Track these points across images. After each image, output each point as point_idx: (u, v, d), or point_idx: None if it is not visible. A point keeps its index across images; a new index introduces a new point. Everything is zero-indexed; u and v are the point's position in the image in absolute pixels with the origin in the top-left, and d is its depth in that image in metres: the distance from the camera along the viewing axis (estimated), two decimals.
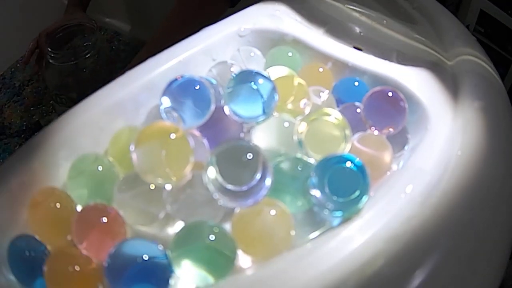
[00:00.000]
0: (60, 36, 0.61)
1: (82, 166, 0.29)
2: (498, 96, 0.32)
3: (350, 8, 0.44)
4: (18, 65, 0.76)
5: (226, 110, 0.30)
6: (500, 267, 0.24)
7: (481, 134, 0.28)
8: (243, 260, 0.26)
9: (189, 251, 0.25)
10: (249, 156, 0.25)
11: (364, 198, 0.25)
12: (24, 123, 0.69)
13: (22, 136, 0.69)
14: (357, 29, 0.41)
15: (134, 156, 0.26)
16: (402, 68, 0.35)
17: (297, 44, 0.38)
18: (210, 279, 0.24)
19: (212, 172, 0.25)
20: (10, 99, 0.72)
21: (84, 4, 0.71)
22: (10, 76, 0.75)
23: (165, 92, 0.30)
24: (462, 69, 0.35)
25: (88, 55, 0.59)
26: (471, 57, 0.36)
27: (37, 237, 0.27)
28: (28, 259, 0.26)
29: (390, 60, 0.37)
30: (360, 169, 0.26)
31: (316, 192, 0.26)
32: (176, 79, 0.30)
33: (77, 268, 0.24)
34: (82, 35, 0.62)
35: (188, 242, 0.25)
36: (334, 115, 0.29)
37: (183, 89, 0.29)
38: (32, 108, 0.71)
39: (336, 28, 0.41)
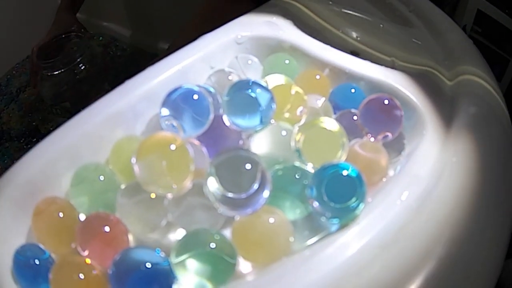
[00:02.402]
0: (51, 48, 0.62)
1: (84, 174, 0.30)
2: (493, 104, 0.33)
3: (347, 13, 0.44)
4: (14, 72, 0.76)
5: (225, 119, 0.31)
6: (494, 272, 0.24)
7: (476, 142, 0.29)
8: (244, 266, 0.27)
9: (191, 258, 0.25)
10: (248, 165, 0.25)
11: (361, 206, 0.26)
12: (23, 128, 0.70)
13: (22, 140, 0.69)
14: (354, 34, 0.42)
15: (136, 168, 0.26)
16: (398, 73, 0.36)
17: (295, 50, 0.38)
18: (212, 285, 0.25)
19: (212, 182, 0.26)
20: (7, 105, 0.73)
21: (75, 7, 0.71)
22: (6, 83, 0.75)
23: (164, 103, 0.30)
24: (460, 77, 0.35)
25: (80, 61, 0.59)
26: (468, 65, 0.36)
27: (41, 245, 0.27)
28: (33, 267, 0.26)
29: (387, 66, 0.37)
30: (357, 176, 0.26)
31: (314, 202, 0.26)
32: (174, 90, 0.30)
33: (81, 276, 0.25)
34: (73, 42, 0.62)
35: (189, 249, 0.25)
36: (331, 123, 0.29)
37: (182, 100, 0.30)
38: (30, 114, 0.72)
39: (333, 33, 0.42)
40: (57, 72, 0.59)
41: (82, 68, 0.60)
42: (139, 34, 0.80)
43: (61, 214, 0.28)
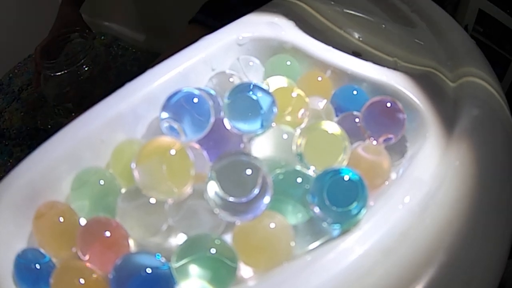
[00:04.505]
0: (54, 47, 0.62)
1: (84, 178, 0.30)
2: (496, 106, 0.33)
3: (348, 13, 0.44)
4: (16, 71, 0.76)
5: (226, 122, 0.31)
6: (495, 277, 0.24)
7: (479, 145, 0.29)
8: (245, 271, 0.27)
9: (192, 263, 0.25)
10: (249, 171, 0.25)
11: (363, 211, 0.26)
12: (25, 127, 0.70)
13: (21, 138, 0.69)
14: (356, 35, 0.42)
15: (136, 173, 0.26)
16: (401, 74, 0.36)
17: (296, 51, 0.38)
18: None
19: (212, 186, 0.26)
20: (9, 104, 0.73)
21: (79, 1, 0.70)
22: (8, 82, 0.75)
23: (164, 107, 0.30)
24: (463, 79, 0.35)
25: (83, 61, 0.59)
26: (471, 67, 0.36)
27: (41, 250, 0.27)
28: (34, 271, 0.26)
29: (389, 67, 0.37)
30: (359, 180, 0.26)
31: (315, 207, 0.26)
32: (174, 94, 0.30)
33: (82, 280, 0.25)
34: (77, 42, 0.62)
35: (190, 253, 0.25)
36: (333, 126, 0.29)
37: (182, 104, 0.29)
38: (32, 112, 0.72)
39: (335, 34, 0.41)
40: (60, 73, 0.59)
41: (85, 69, 0.60)
42: (141, 33, 0.80)
43: (61, 219, 0.28)
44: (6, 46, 0.81)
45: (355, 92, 0.35)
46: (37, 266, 0.26)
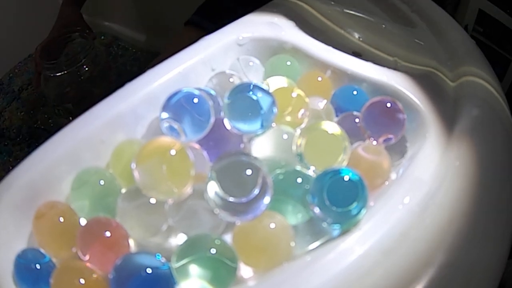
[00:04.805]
0: (55, 47, 0.62)
1: (84, 178, 0.30)
2: (496, 106, 0.33)
3: (349, 13, 0.44)
4: (16, 70, 0.76)
5: (226, 122, 0.31)
6: (495, 277, 0.24)
7: (479, 145, 0.29)
8: (245, 271, 0.27)
9: (192, 263, 0.25)
10: (249, 171, 0.25)
11: (363, 211, 0.26)
12: (25, 126, 0.70)
13: (21, 138, 0.69)
14: (356, 35, 0.42)
15: (136, 174, 0.26)
16: (401, 74, 0.36)
17: (296, 52, 0.38)
18: None
19: (212, 187, 0.26)
20: (9, 103, 0.73)
21: (80, 1, 0.70)
22: (8, 82, 0.75)
23: (164, 107, 0.30)
24: (462, 79, 0.35)
25: (83, 61, 0.59)
26: (471, 66, 0.36)
27: (41, 250, 0.27)
28: (34, 271, 0.26)
29: (389, 67, 0.37)
30: (359, 180, 0.26)
31: (315, 208, 0.26)
32: (174, 94, 0.30)
33: (82, 280, 0.25)
34: (77, 42, 0.62)
35: (190, 253, 0.25)
36: (333, 127, 0.29)
37: (182, 104, 0.29)
38: (32, 111, 0.72)
39: (335, 34, 0.41)
40: (60, 74, 0.59)
41: (85, 69, 0.60)
42: (141, 33, 0.80)
43: (61, 219, 0.28)
44: (6, 46, 0.81)
45: (355, 92, 0.35)
46: (37, 266, 0.26)
